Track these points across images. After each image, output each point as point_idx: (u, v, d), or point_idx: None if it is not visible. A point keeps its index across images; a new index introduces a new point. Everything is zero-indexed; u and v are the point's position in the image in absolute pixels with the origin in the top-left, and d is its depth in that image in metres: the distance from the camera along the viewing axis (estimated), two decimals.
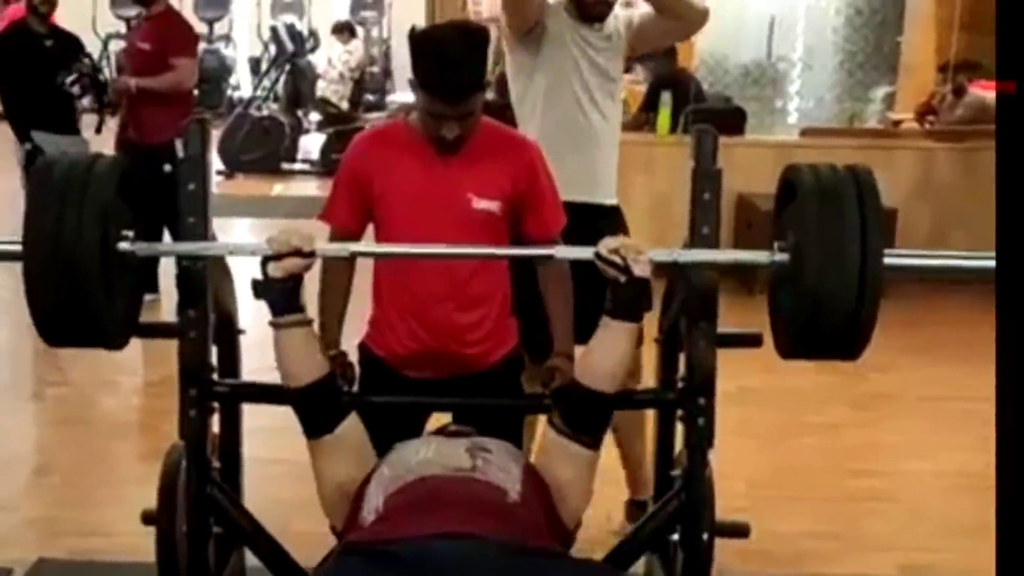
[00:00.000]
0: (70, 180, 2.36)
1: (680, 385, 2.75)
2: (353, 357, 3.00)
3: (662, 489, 3.00)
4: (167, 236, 5.52)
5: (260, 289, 2.48)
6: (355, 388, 2.96)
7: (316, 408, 2.52)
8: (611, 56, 3.74)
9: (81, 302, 2.34)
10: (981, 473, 2.05)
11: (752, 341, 3.02)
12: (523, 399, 3.03)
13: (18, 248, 2.36)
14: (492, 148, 2.87)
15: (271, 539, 2.78)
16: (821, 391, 5.45)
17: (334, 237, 2.97)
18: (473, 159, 2.84)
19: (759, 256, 2.52)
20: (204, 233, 2.68)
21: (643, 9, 3.81)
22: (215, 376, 2.83)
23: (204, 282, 2.69)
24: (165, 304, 5.69)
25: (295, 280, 2.48)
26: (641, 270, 2.42)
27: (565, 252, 2.68)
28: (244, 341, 3.15)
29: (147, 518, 3.05)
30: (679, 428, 2.84)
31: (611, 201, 3.74)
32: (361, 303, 3.05)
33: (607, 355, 2.49)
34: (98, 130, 6.66)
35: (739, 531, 3.15)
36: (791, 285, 2.40)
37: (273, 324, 2.50)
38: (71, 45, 6.49)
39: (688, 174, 2.69)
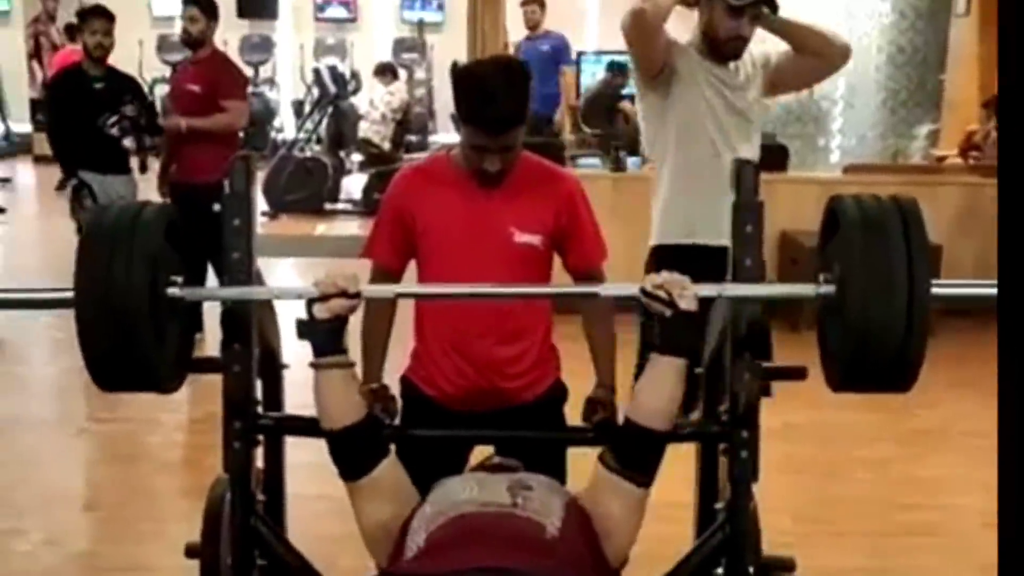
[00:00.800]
0: (119, 228, 2.39)
1: (723, 418, 2.73)
2: (395, 390, 3.01)
3: (706, 522, 2.97)
4: (211, 272, 5.63)
5: (305, 330, 2.47)
6: (397, 421, 2.96)
7: (352, 451, 2.50)
8: (748, 96, 3.62)
9: (132, 347, 2.36)
10: None
11: (796, 375, 3.00)
12: (566, 432, 3.02)
13: (70, 295, 2.40)
14: (533, 182, 2.89)
15: (316, 572, 2.78)
16: (867, 427, 5.41)
17: (377, 273, 3.00)
18: (514, 193, 2.85)
19: (805, 289, 2.50)
20: (248, 269, 2.70)
21: (782, 47, 3.68)
22: (259, 409, 2.84)
23: (248, 318, 2.71)
24: (209, 341, 5.72)
25: (340, 321, 2.47)
26: (687, 304, 2.40)
27: (610, 290, 2.69)
28: (288, 377, 3.17)
29: (191, 551, 3.06)
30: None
31: None
32: (403, 335, 3.07)
33: (658, 392, 2.46)
34: (142, 170, 6.75)
35: (785, 565, 3.12)
36: (838, 317, 2.39)
37: (314, 365, 2.48)
38: (126, 87, 6.57)
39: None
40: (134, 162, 6.66)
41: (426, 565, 2.20)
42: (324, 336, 2.46)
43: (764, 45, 3.79)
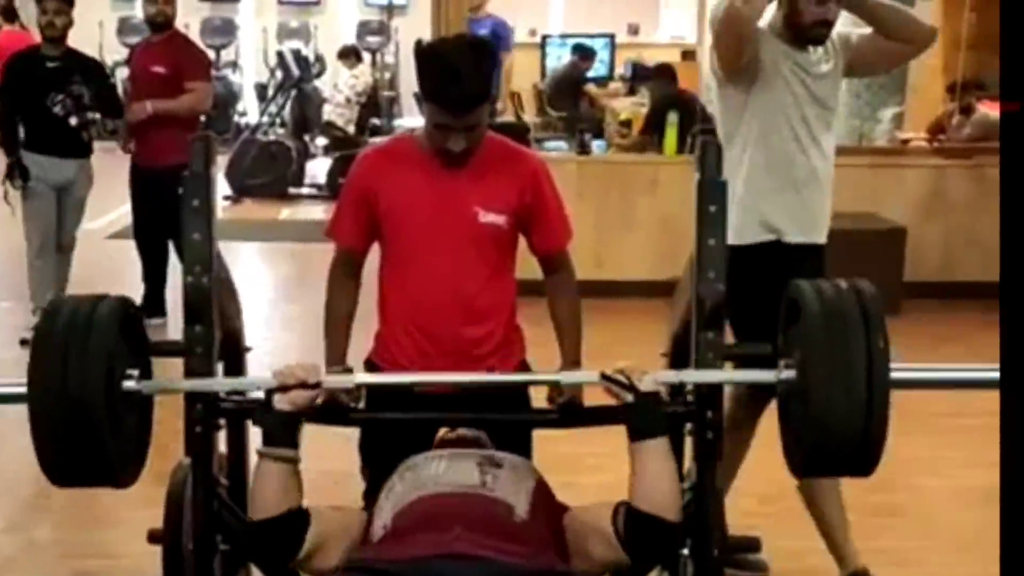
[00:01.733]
0: (73, 326, 2.36)
1: (688, 399, 2.72)
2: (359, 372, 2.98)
3: None
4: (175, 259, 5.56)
5: (260, 418, 2.45)
6: (362, 404, 2.94)
7: (277, 540, 2.41)
8: (830, 83, 3.49)
9: (88, 444, 2.34)
10: (996, 489, 2.03)
11: (761, 357, 2.99)
12: (531, 413, 3.00)
13: (23, 391, 2.37)
14: (497, 161, 2.87)
15: None
16: None
17: (340, 254, 2.97)
18: (479, 173, 2.83)
19: (766, 375, 2.53)
20: (209, 251, 2.66)
21: (862, 28, 3.53)
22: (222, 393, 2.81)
23: (210, 299, 2.67)
24: (172, 328, 5.68)
25: (296, 416, 2.42)
26: (646, 386, 2.40)
27: (569, 377, 2.72)
28: (250, 360, 3.14)
29: (153, 537, 3.03)
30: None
31: (823, 240, 3.57)
32: (368, 318, 3.04)
33: (653, 478, 2.40)
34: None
35: (750, 546, 3.13)
36: (799, 404, 2.41)
37: (260, 453, 2.43)
38: (80, 67, 6.45)
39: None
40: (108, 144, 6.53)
41: (393, 551, 2.19)
42: (278, 427, 2.41)
43: (844, 28, 3.62)
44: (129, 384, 2.43)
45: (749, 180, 3.21)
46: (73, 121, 6.25)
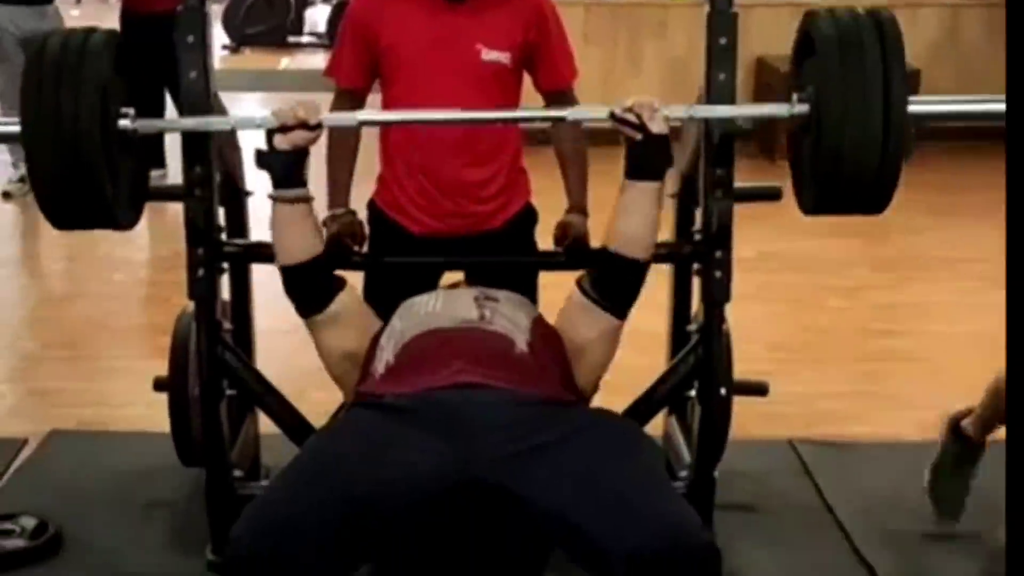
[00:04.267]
0: (65, 58, 2.28)
1: (696, 238, 2.68)
2: (363, 215, 2.94)
3: (679, 348, 2.95)
4: (171, 108, 5.48)
5: (264, 160, 2.38)
6: (365, 248, 2.90)
7: (308, 287, 2.45)
8: None
9: (84, 184, 2.27)
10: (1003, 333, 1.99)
11: (771, 195, 2.95)
12: (536, 256, 2.96)
13: (17, 129, 2.30)
14: None
15: (284, 400, 2.75)
16: (843, 254, 5.39)
17: (341, 94, 2.90)
18: (481, 8, 2.75)
19: (778, 109, 2.42)
20: (206, 91, 2.60)
21: None
22: (223, 236, 2.77)
23: (208, 140, 2.62)
24: (173, 179, 5.62)
25: (300, 153, 2.38)
26: (658, 127, 2.33)
27: (579, 113, 2.59)
28: (253, 208, 3.10)
29: (159, 384, 3.03)
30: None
31: None
32: (371, 160, 2.98)
33: (636, 218, 2.39)
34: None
35: (757, 389, 3.12)
36: (812, 138, 2.32)
37: (272, 197, 2.41)
38: None
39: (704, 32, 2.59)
40: None
41: (396, 384, 2.18)
42: (283, 168, 2.38)
43: None
44: (124, 123, 2.36)
45: None
46: None
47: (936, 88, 6.98)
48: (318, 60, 10.36)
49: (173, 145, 2.59)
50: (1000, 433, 2.83)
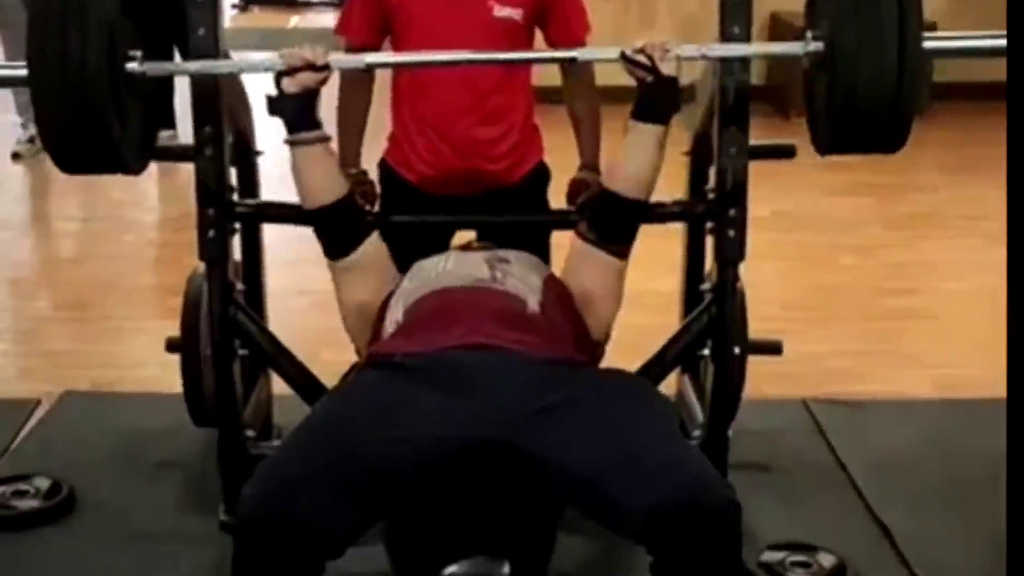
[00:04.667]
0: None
1: (710, 196, 2.66)
2: (373, 176, 2.93)
3: (692, 307, 2.93)
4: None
5: (275, 105, 2.37)
6: (376, 208, 2.88)
7: (336, 228, 2.45)
8: None
9: (92, 127, 2.25)
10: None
11: (785, 153, 2.93)
12: (549, 214, 2.94)
13: (24, 73, 2.27)
14: None
15: (296, 360, 2.75)
16: (856, 213, 5.36)
17: (351, 52, 2.87)
18: None
19: (792, 47, 2.40)
20: (215, 47, 2.58)
21: None
22: (234, 197, 2.76)
23: (218, 98, 2.60)
24: (182, 141, 5.60)
25: (310, 95, 2.37)
26: (668, 68, 2.32)
27: (588, 54, 2.57)
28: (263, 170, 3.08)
29: (171, 345, 3.02)
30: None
31: None
32: (382, 120, 2.96)
33: (637, 159, 2.40)
34: None
35: (771, 348, 3.11)
36: (827, 75, 2.29)
37: (289, 142, 2.40)
38: None
39: None
40: None
41: (406, 343, 2.18)
42: (295, 111, 2.37)
43: None
44: (132, 66, 2.33)
45: None
46: None
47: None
48: (328, 19, 10.29)
49: (183, 106, 2.56)
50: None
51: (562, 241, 2.96)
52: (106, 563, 2.73)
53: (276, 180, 2.42)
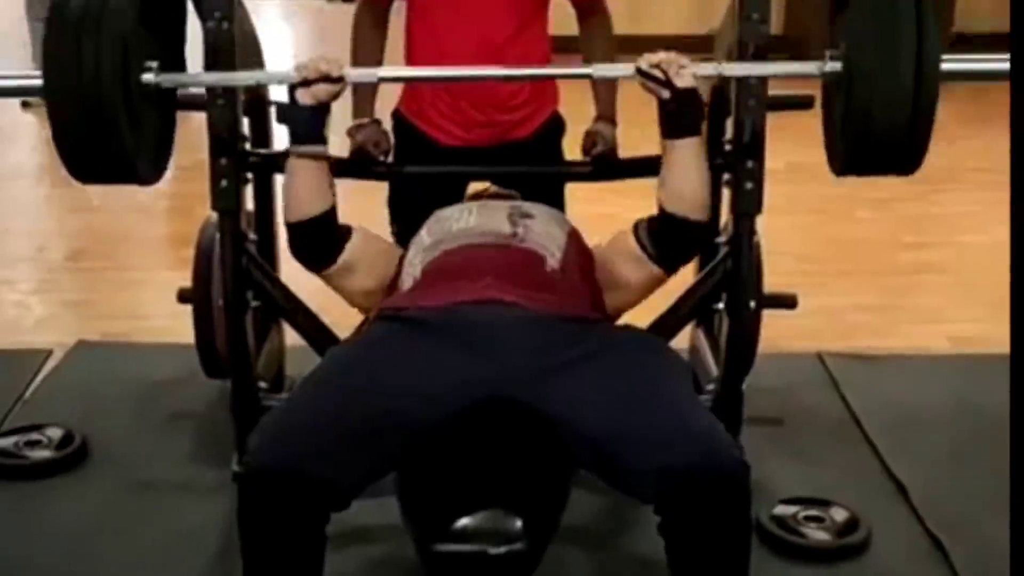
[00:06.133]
0: (87, 9, 2.22)
1: (727, 148, 2.63)
2: (387, 125, 2.90)
3: (707, 259, 2.91)
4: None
5: (285, 113, 2.33)
6: (390, 158, 2.86)
7: (313, 245, 2.39)
8: None
9: (106, 138, 2.23)
10: None
11: (803, 103, 2.90)
12: (564, 165, 2.92)
13: (39, 83, 2.26)
14: None
15: (309, 312, 2.72)
16: None
17: (364, 4, 2.86)
18: None
19: (808, 67, 2.37)
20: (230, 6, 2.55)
21: None
22: (247, 146, 2.73)
23: (232, 47, 2.57)
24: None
25: (322, 109, 2.31)
26: (684, 82, 2.26)
27: (603, 71, 2.52)
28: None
29: (183, 296, 3.01)
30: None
31: None
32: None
33: (683, 177, 2.32)
34: None
35: (786, 302, 3.08)
36: (843, 96, 2.28)
37: (289, 152, 2.35)
38: None
39: None
40: None
41: (422, 297, 2.16)
42: (305, 123, 2.31)
43: None
44: (147, 76, 2.31)
45: None
46: None
47: (971, 9, 6.82)
48: None
49: (194, 52, 2.53)
50: None
51: (576, 193, 2.95)
52: (118, 513, 2.73)
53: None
